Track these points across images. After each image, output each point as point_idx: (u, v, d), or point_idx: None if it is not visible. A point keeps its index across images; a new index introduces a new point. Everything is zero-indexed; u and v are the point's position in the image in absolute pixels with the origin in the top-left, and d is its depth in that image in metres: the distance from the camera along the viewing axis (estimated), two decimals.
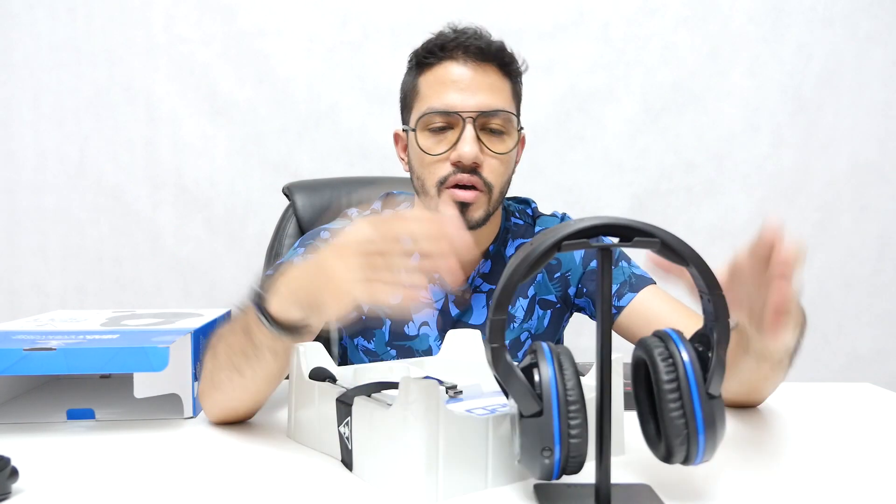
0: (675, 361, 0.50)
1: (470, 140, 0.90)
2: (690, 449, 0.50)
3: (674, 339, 0.51)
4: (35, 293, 1.86)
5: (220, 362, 0.72)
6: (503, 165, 0.94)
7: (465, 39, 0.93)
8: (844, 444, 0.70)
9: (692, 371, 0.49)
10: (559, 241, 0.51)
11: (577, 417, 0.50)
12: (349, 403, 0.61)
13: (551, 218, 1.07)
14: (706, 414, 0.49)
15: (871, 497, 0.57)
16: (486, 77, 0.93)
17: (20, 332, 0.83)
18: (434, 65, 0.94)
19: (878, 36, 1.85)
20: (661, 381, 0.50)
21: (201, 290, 1.86)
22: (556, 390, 0.50)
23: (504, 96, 0.94)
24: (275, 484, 0.59)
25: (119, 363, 0.72)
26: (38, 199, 1.85)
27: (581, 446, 0.50)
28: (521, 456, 0.51)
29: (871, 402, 0.89)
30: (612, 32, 1.84)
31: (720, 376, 0.51)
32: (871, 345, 1.90)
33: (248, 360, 0.70)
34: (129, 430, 0.75)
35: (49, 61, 1.83)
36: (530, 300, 1.02)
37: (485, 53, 0.93)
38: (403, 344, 1.00)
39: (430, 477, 0.53)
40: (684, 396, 0.49)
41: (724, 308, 0.51)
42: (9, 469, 0.56)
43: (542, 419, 0.49)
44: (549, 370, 0.50)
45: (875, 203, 1.88)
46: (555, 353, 0.52)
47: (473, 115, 0.90)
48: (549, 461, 0.49)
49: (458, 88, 0.91)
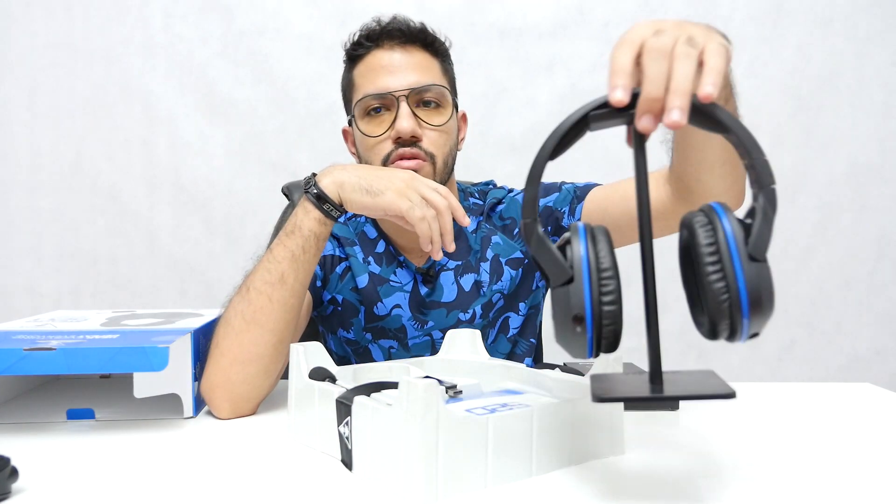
0: (714, 227, 0.47)
1: (405, 115, 0.95)
2: (734, 318, 0.46)
3: (716, 210, 0.49)
4: (29, 295, 1.85)
5: (254, 294, 0.81)
6: (442, 136, 0.99)
7: (388, 26, 0.99)
8: (844, 444, 0.70)
9: (732, 234, 0.46)
10: (586, 114, 0.50)
11: (609, 284, 0.47)
12: (349, 403, 0.61)
13: (498, 189, 1.13)
14: (748, 277, 0.45)
15: (871, 497, 0.56)
16: (413, 58, 0.99)
17: (20, 332, 0.83)
18: (364, 55, 1.00)
19: (878, 36, 1.85)
20: (699, 247, 0.47)
21: (199, 290, 1.85)
22: (586, 257, 0.48)
23: (433, 73, 1.00)
24: (275, 484, 0.59)
25: (119, 363, 0.72)
26: (33, 199, 1.85)
27: (615, 314, 0.47)
28: (557, 334, 0.49)
29: (871, 402, 0.89)
30: (613, 32, 1.84)
31: (765, 239, 0.47)
32: (870, 344, 1.91)
33: (295, 261, 0.82)
34: (129, 430, 0.75)
35: (45, 60, 1.82)
36: (492, 262, 1.05)
37: (408, 36, 0.99)
38: (376, 325, 1.03)
39: (429, 477, 0.53)
40: (724, 260, 0.46)
41: (768, 173, 0.48)
42: (9, 469, 0.56)
43: (572, 287, 0.47)
44: (581, 242, 0.49)
45: (874, 203, 1.88)
46: (588, 229, 0.50)
47: (406, 92, 0.96)
48: (582, 331, 0.47)
49: (389, 72, 0.97)
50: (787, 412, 0.82)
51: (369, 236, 1.06)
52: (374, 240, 1.06)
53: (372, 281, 1.03)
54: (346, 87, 1.04)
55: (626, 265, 0.55)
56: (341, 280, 1.04)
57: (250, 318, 0.81)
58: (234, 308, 0.82)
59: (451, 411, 0.55)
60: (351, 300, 1.03)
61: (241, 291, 0.83)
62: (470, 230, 1.07)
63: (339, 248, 1.05)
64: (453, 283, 1.04)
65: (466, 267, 1.05)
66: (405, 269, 1.04)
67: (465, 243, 1.06)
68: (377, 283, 1.03)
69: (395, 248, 1.05)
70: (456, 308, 1.03)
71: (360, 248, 1.05)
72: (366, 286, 1.02)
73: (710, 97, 0.48)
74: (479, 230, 1.07)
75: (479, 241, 1.06)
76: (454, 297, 1.04)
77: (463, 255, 1.05)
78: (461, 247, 1.06)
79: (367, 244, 1.06)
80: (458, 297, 1.03)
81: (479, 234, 1.07)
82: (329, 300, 1.04)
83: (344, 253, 1.05)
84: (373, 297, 1.02)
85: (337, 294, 1.04)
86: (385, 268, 1.04)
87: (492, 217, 1.09)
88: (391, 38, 0.99)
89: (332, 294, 1.04)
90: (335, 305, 1.04)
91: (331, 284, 1.04)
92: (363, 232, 1.07)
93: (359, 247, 1.05)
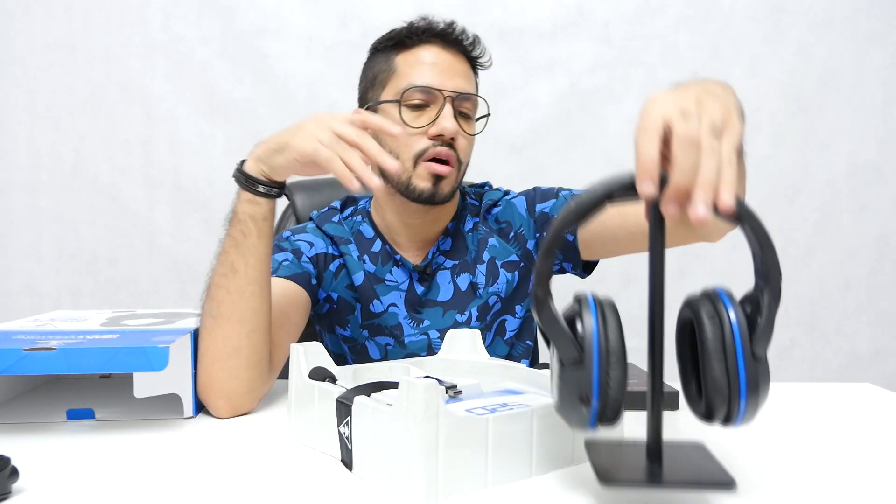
0: (721, 320, 0.50)
1: (451, 116, 0.96)
2: (731, 408, 0.49)
3: (722, 299, 0.51)
4: (28, 295, 1.85)
5: (214, 289, 0.82)
6: (469, 147, 1.01)
7: (445, 28, 1.00)
8: (844, 444, 0.70)
9: (738, 330, 0.49)
10: (608, 191, 0.50)
11: (616, 368, 0.49)
12: (349, 403, 0.61)
13: (494, 192, 1.13)
14: (750, 374, 0.48)
15: (871, 497, 0.56)
16: (461, 65, 1.00)
17: (20, 332, 0.83)
18: (412, 46, 0.99)
19: (878, 36, 1.85)
20: (705, 339, 0.49)
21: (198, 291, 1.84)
22: (597, 340, 0.49)
23: (473, 84, 1.02)
24: (275, 484, 0.59)
25: (119, 363, 0.72)
26: (33, 199, 1.85)
27: (619, 396, 0.49)
28: (559, 405, 0.51)
29: (871, 402, 0.89)
30: (613, 32, 1.84)
31: (767, 337, 0.50)
32: (870, 344, 1.91)
33: (238, 248, 0.82)
34: (129, 430, 0.75)
35: (45, 60, 1.82)
36: (488, 264, 1.05)
37: (459, 44, 1.00)
38: (373, 322, 1.03)
39: (429, 477, 0.53)
40: (728, 355, 0.49)
41: (776, 269, 0.50)
42: (9, 469, 0.56)
43: (581, 368, 0.49)
44: (592, 320, 0.50)
45: (874, 203, 1.89)
46: (599, 304, 0.51)
47: (453, 94, 0.96)
48: (587, 410, 0.49)
49: (440, 70, 0.97)
50: (787, 412, 0.82)
51: (366, 236, 1.07)
52: (371, 239, 1.06)
53: (367, 279, 1.03)
54: (382, 72, 1.01)
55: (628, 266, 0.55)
56: (335, 278, 1.04)
57: (216, 314, 0.81)
58: (203, 308, 0.84)
59: (451, 411, 0.55)
60: (346, 298, 1.04)
61: (205, 291, 0.85)
62: (467, 230, 1.07)
63: (333, 246, 1.05)
64: (449, 282, 1.04)
65: (463, 266, 1.05)
66: (401, 267, 1.04)
67: (462, 242, 1.06)
68: (373, 281, 1.03)
69: (391, 246, 1.05)
70: (452, 308, 1.03)
71: (356, 247, 1.05)
72: (361, 283, 1.03)
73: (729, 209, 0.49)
74: (476, 231, 1.07)
75: (476, 243, 1.07)
76: (450, 297, 1.04)
77: (460, 254, 1.05)
78: (459, 246, 1.06)
79: (363, 243, 1.06)
80: (454, 297, 1.04)
81: (475, 235, 1.07)
82: (324, 298, 1.04)
83: (338, 251, 1.05)
84: (369, 295, 1.02)
85: (332, 292, 1.04)
86: (381, 266, 1.04)
87: (488, 219, 1.09)
88: (444, 40, 0.99)
89: (328, 292, 1.04)
90: (331, 304, 1.04)
91: (325, 282, 1.04)
92: (359, 231, 1.07)
93: (354, 245, 1.05)
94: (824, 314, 1.88)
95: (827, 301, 1.89)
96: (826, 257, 1.88)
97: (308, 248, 1.03)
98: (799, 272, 1.88)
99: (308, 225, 1.09)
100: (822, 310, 1.88)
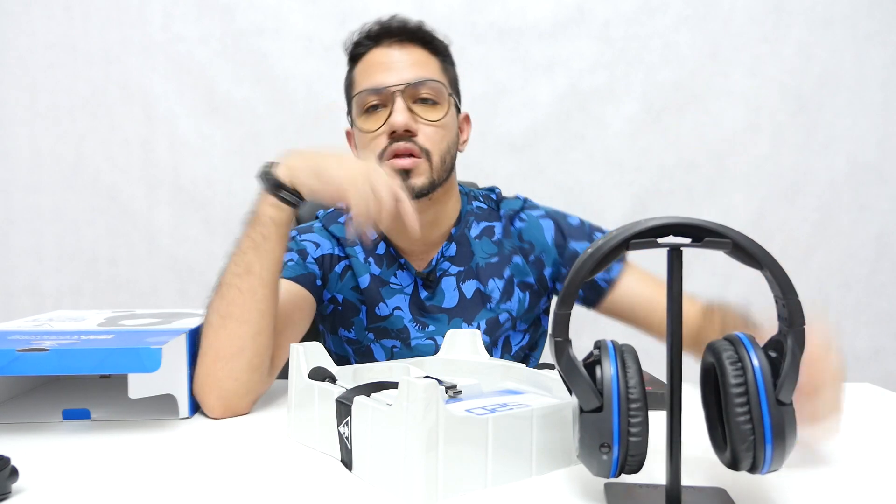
0: (744, 366, 0.49)
1: (400, 109, 0.94)
2: (757, 456, 0.48)
3: (744, 344, 0.50)
4: (30, 294, 1.85)
5: (225, 287, 0.82)
6: (439, 133, 0.97)
7: (387, 25, 1.00)
8: (844, 444, 0.70)
9: (762, 377, 0.48)
10: (627, 239, 0.50)
11: (637, 415, 0.49)
12: (349, 403, 0.61)
13: (513, 200, 1.11)
14: (775, 421, 0.47)
15: (871, 497, 0.56)
16: (411, 55, 0.99)
17: (16, 333, 0.83)
18: (363, 54, 1.01)
19: (878, 36, 1.85)
20: (728, 386, 0.48)
21: (198, 290, 1.84)
22: (617, 387, 0.49)
23: (431, 69, 0.99)
24: (274, 484, 0.59)
25: (112, 364, 0.72)
26: (34, 199, 1.84)
27: (641, 445, 0.49)
28: (580, 451, 0.51)
29: (871, 402, 0.88)
30: (613, 31, 1.84)
31: (792, 383, 0.49)
32: (869, 344, 1.91)
33: (257, 250, 0.82)
34: (126, 431, 0.75)
35: (45, 60, 1.82)
36: (506, 281, 1.04)
37: (406, 34, 0.99)
38: (378, 325, 1.02)
39: (430, 477, 0.53)
40: (752, 402, 0.48)
41: (799, 313, 0.50)
42: (9, 469, 0.56)
43: (601, 415, 0.49)
44: (612, 367, 0.50)
45: (874, 203, 1.88)
46: (618, 350, 0.51)
47: (401, 87, 0.95)
48: (608, 458, 0.49)
49: (386, 68, 0.97)
50: None
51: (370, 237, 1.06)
52: (375, 241, 1.05)
53: (373, 282, 1.02)
54: (347, 87, 1.04)
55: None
56: (341, 279, 1.03)
57: (225, 313, 0.81)
58: (211, 306, 0.83)
59: (451, 411, 0.55)
60: (351, 300, 1.03)
61: (216, 289, 0.84)
62: (473, 235, 1.05)
63: (339, 247, 1.04)
64: (455, 289, 1.03)
65: (468, 273, 1.03)
66: (406, 271, 1.03)
67: (467, 248, 1.04)
68: (378, 284, 1.02)
69: (395, 249, 1.04)
70: (458, 316, 1.02)
71: (361, 248, 1.04)
72: (368, 286, 1.02)
73: None
74: (502, 247, 1.05)
75: (497, 255, 1.04)
76: (455, 304, 1.03)
77: (465, 260, 1.04)
78: (464, 252, 1.04)
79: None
80: (460, 304, 1.03)
81: (491, 243, 1.05)
82: (329, 299, 1.04)
83: (344, 252, 1.04)
84: (375, 298, 1.02)
85: (337, 293, 1.03)
86: (385, 269, 1.03)
87: (512, 233, 1.06)
88: (390, 37, 0.99)
89: (333, 293, 1.03)
90: (335, 305, 1.04)
91: (330, 284, 1.03)
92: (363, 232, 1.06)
93: (360, 247, 1.04)
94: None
95: (826, 301, 1.89)
96: (825, 257, 1.88)
97: (314, 249, 1.02)
98: (798, 272, 1.88)
99: (314, 224, 1.08)
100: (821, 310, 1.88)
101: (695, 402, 0.56)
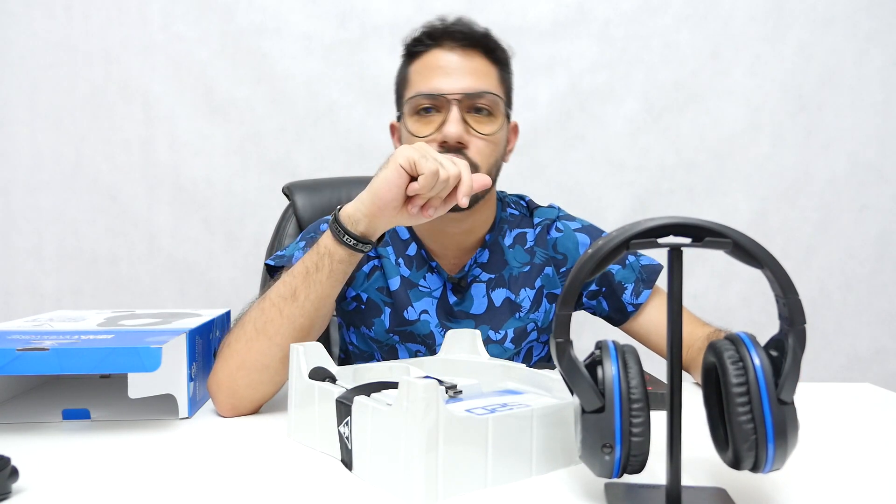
0: (745, 365, 0.49)
1: (454, 120, 0.92)
2: (759, 456, 0.48)
3: (746, 343, 0.50)
4: (30, 294, 1.85)
5: (268, 304, 0.81)
6: (489, 147, 0.96)
7: (452, 27, 0.97)
8: (844, 444, 0.70)
9: (763, 376, 0.48)
10: (627, 239, 0.50)
11: (639, 415, 0.49)
12: (349, 403, 0.61)
13: (548, 209, 1.09)
14: (776, 420, 0.47)
15: (871, 497, 0.56)
16: (472, 62, 0.96)
17: (16, 332, 0.83)
18: (423, 53, 0.98)
19: (878, 36, 1.85)
20: (729, 386, 0.48)
21: (198, 290, 1.85)
22: (618, 387, 0.49)
23: (490, 80, 0.97)
24: (275, 484, 0.59)
25: (111, 364, 0.72)
26: (34, 199, 1.84)
27: (643, 445, 0.49)
28: (582, 452, 0.51)
29: (871, 402, 0.89)
30: (614, 31, 1.84)
31: (793, 382, 0.49)
32: (870, 344, 1.90)
33: (307, 278, 0.80)
34: (126, 431, 0.75)
35: (45, 60, 1.82)
36: (537, 291, 1.04)
37: (470, 40, 0.97)
38: (405, 329, 1.02)
39: (429, 476, 0.53)
40: (754, 402, 0.48)
41: (799, 312, 0.50)
42: (9, 469, 0.56)
43: (603, 415, 0.49)
44: (613, 367, 0.50)
45: (875, 203, 1.88)
46: (619, 351, 0.51)
47: (458, 96, 0.93)
48: (610, 458, 0.49)
49: (445, 73, 0.95)
50: None
51: (401, 237, 1.04)
52: (406, 241, 1.04)
53: (403, 284, 1.01)
54: (400, 83, 1.01)
55: None
56: (368, 278, 1.02)
57: (261, 328, 0.81)
58: (250, 314, 0.83)
59: (451, 411, 0.54)
60: (376, 300, 1.02)
61: (260, 299, 0.83)
62: (507, 244, 1.04)
63: None
64: (484, 295, 1.02)
65: (499, 281, 1.02)
66: (436, 274, 1.02)
67: (500, 256, 1.03)
68: (407, 286, 1.01)
69: (426, 252, 1.03)
70: (485, 323, 1.02)
71: (393, 249, 1.03)
72: (397, 289, 1.01)
73: None
74: (534, 256, 1.04)
75: (529, 265, 1.04)
76: (484, 310, 1.02)
77: (497, 267, 1.03)
78: (496, 260, 1.03)
79: (398, 244, 1.04)
80: (488, 311, 1.02)
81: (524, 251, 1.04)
82: (353, 297, 1.03)
83: (375, 251, 1.02)
84: (403, 301, 1.01)
85: (362, 292, 1.02)
86: (415, 272, 1.02)
87: (547, 242, 1.05)
88: (452, 40, 0.96)
89: (357, 291, 1.02)
90: (358, 303, 1.03)
91: (357, 281, 1.02)
92: (395, 231, 1.04)
93: (392, 247, 1.03)
94: (824, 314, 1.88)
95: (827, 301, 1.88)
96: (826, 257, 1.88)
97: None
98: (799, 272, 1.88)
99: None
100: (822, 310, 1.88)
101: (695, 403, 0.56)
